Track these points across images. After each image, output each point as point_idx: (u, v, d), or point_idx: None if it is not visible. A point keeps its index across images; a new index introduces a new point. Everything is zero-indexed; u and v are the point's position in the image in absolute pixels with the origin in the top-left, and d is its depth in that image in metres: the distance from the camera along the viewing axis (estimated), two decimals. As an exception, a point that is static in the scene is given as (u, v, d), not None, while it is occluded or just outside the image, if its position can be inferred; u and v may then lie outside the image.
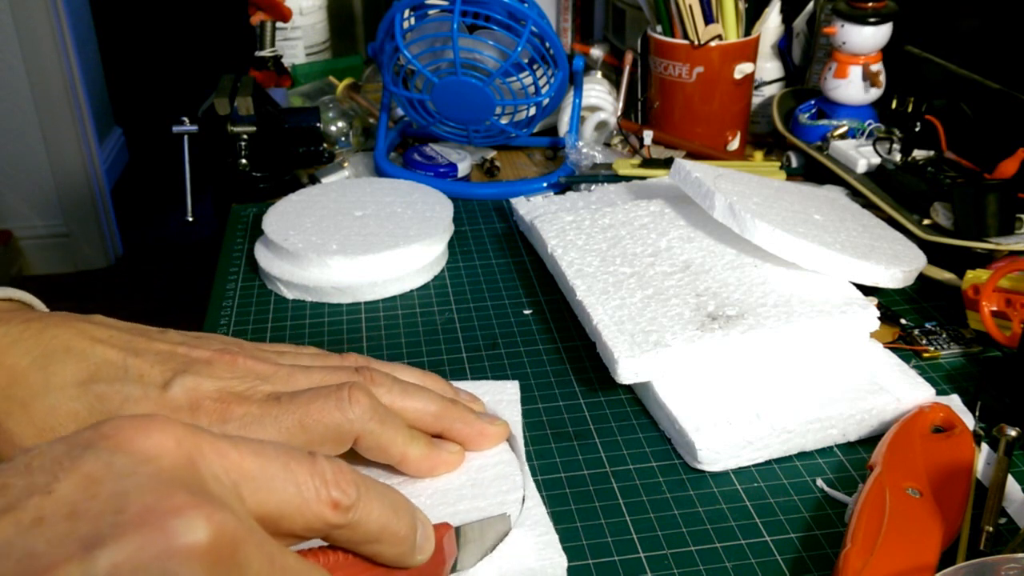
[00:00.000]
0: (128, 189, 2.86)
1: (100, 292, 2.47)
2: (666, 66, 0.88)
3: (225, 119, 0.81)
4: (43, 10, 2.31)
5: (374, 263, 0.67)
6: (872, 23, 0.82)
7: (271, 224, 0.71)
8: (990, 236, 0.66)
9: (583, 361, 0.60)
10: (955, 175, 0.71)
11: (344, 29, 1.44)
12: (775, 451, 0.50)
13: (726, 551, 0.44)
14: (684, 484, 0.49)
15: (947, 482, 0.45)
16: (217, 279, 0.71)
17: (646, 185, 0.81)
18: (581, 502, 0.48)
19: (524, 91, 0.85)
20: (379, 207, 0.74)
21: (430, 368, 0.59)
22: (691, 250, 0.65)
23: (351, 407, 0.41)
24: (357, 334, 0.64)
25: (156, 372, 0.41)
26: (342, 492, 0.32)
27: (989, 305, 0.58)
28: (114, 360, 0.41)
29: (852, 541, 0.41)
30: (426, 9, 0.84)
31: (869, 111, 0.86)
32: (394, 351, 0.61)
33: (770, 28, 0.95)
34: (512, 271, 0.72)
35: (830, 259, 0.60)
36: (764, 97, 0.96)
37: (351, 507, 0.32)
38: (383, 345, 0.62)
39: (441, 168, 0.86)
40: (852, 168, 0.79)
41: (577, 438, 0.53)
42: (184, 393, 0.41)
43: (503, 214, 0.81)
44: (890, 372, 0.54)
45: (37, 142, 2.43)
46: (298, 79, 1.10)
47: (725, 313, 0.56)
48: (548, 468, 0.50)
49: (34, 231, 2.53)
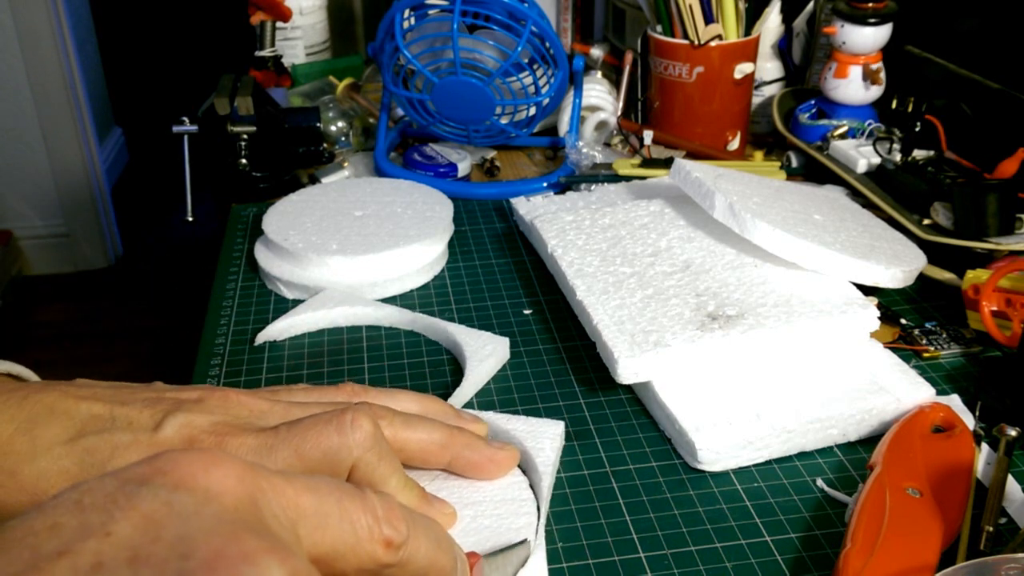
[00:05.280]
0: (128, 189, 2.86)
1: (100, 292, 2.47)
2: (666, 66, 0.88)
3: (225, 119, 0.81)
4: (43, 10, 2.31)
5: (373, 263, 0.67)
6: (872, 23, 0.82)
7: (271, 224, 0.71)
8: (990, 236, 0.66)
9: (583, 361, 0.60)
10: (955, 175, 0.71)
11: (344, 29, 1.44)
12: (775, 451, 0.50)
13: (726, 551, 0.44)
14: (684, 484, 0.49)
15: (947, 482, 0.45)
16: (217, 279, 0.71)
17: (646, 185, 0.81)
18: (581, 502, 0.47)
19: (524, 91, 0.85)
20: (379, 207, 0.74)
21: (430, 367, 0.59)
22: (691, 250, 0.65)
23: (352, 432, 0.39)
24: (357, 333, 0.64)
25: (145, 416, 0.39)
26: (394, 529, 0.31)
27: (989, 305, 0.58)
28: (100, 413, 0.39)
29: (852, 541, 0.41)
30: (426, 9, 0.84)
31: (869, 111, 0.86)
32: (394, 351, 0.61)
33: (770, 28, 0.95)
34: (512, 271, 0.72)
35: (830, 259, 0.60)
36: (764, 97, 0.96)
37: (402, 544, 0.31)
38: (383, 345, 0.62)
39: (441, 168, 0.86)
40: (852, 168, 0.79)
41: (577, 438, 0.53)
42: (176, 431, 0.39)
43: (503, 214, 0.81)
44: (890, 372, 0.54)
45: (37, 142, 2.43)
46: (298, 79, 1.10)
47: (725, 313, 0.56)
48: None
49: (34, 231, 2.52)
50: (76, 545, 0.24)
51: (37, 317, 2.36)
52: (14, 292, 2.40)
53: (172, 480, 0.27)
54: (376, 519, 0.30)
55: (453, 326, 0.61)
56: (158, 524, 0.25)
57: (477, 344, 0.59)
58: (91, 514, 0.25)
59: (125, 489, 0.26)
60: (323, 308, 0.64)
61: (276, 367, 0.60)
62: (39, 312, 2.38)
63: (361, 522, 0.30)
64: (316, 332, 0.64)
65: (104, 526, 0.25)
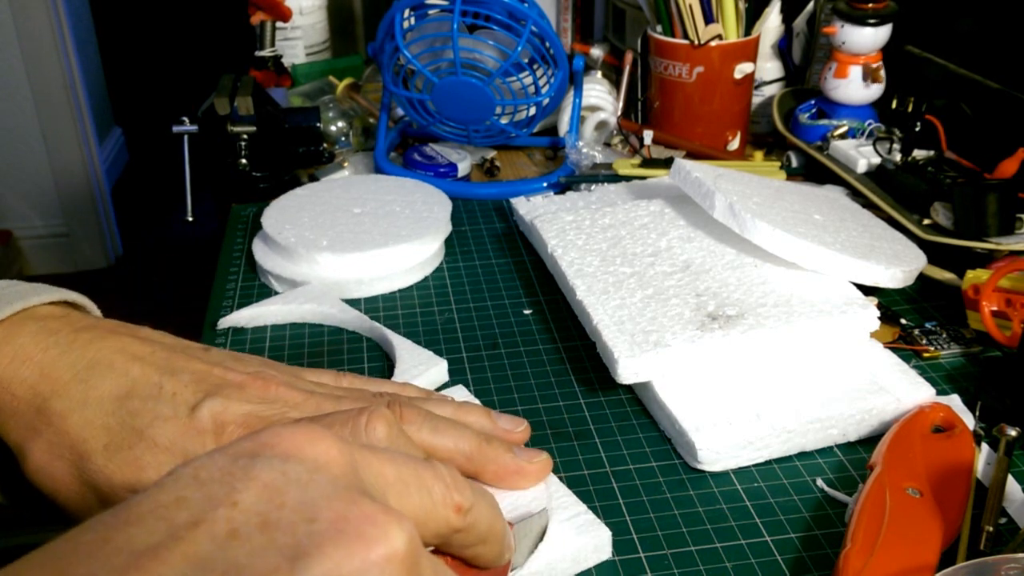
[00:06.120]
0: (128, 189, 2.86)
1: (100, 292, 2.46)
2: (666, 66, 0.87)
3: (225, 119, 0.81)
4: (43, 10, 2.31)
5: (360, 261, 0.67)
6: (872, 23, 0.82)
7: (270, 218, 0.72)
8: (990, 236, 0.66)
9: (583, 361, 0.60)
10: (955, 175, 0.71)
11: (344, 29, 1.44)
12: (775, 451, 0.50)
13: (726, 551, 0.44)
14: (684, 484, 0.49)
15: (947, 482, 0.45)
16: (217, 279, 0.72)
17: (646, 185, 0.81)
18: (581, 502, 0.47)
19: (524, 91, 0.85)
20: (378, 205, 0.74)
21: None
22: (691, 250, 0.65)
23: (365, 434, 0.38)
24: (357, 333, 0.64)
25: (188, 392, 0.41)
26: (462, 495, 0.33)
27: (989, 305, 0.58)
28: (151, 378, 0.41)
29: (852, 541, 0.41)
30: (426, 9, 0.84)
31: (869, 111, 0.86)
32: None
33: (770, 28, 0.95)
34: (512, 271, 0.72)
35: (830, 259, 0.60)
36: (764, 97, 0.96)
37: (470, 509, 0.33)
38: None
39: (441, 168, 0.86)
40: (852, 168, 0.79)
41: (577, 438, 0.53)
42: (211, 416, 0.40)
43: (503, 214, 0.81)
44: (890, 372, 0.54)
45: (37, 142, 2.43)
46: (298, 79, 1.10)
47: (725, 313, 0.56)
48: (548, 468, 0.50)
49: (34, 231, 2.53)
50: (208, 514, 0.25)
51: (37, 317, 2.35)
52: (14, 292, 2.40)
53: (281, 451, 0.28)
54: (447, 486, 0.32)
55: (399, 340, 0.60)
56: (279, 491, 0.26)
57: (411, 362, 0.57)
58: (212, 486, 0.26)
59: (239, 463, 0.27)
60: (293, 303, 0.64)
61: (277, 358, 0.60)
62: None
63: (436, 489, 0.32)
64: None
65: (229, 496, 0.26)
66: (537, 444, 0.52)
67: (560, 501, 0.44)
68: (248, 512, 0.26)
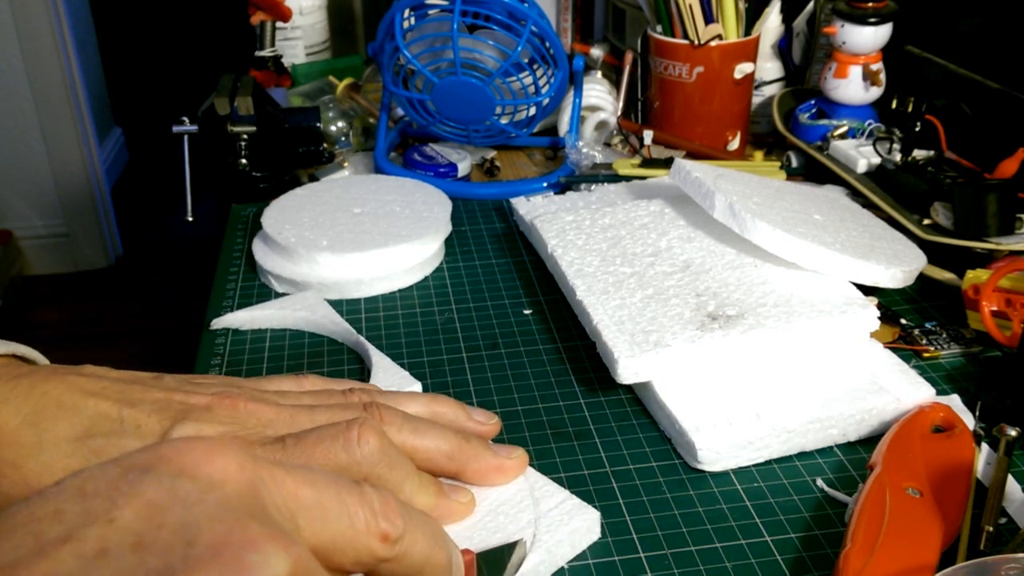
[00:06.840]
0: (128, 189, 2.86)
1: (100, 292, 2.47)
2: (666, 66, 0.87)
3: (225, 119, 0.81)
4: (43, 10, 2.31)
5: (360, 261, 0.67)
6: (872, 23, 0.82)
7: (270, 218, 0.72)
8: (990, 236, 0.66)
9: (583, 361, 0.60)
10: (955, 175, 0.71)
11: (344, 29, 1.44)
12: (775, 451, 0.50)
13: (726, 551, 0.44)
14: (684, 484, 0.49)
15: (947, 482, 0.45)
16: (217, 279, 0.72)
17: (646, 185, 0.81)
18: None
19: (524, 91, 0.85)
20: (378, 205, 0.74)
21: (430, 367, 0.59)
22: (691, 250, 0.65)
23: (359, 448, 0.38)
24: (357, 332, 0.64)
25: (153, 422, 0.39)
26: (390, 523, 0.31)
27: (989, 305, 0.58)
28: (109, 413, 0.39)
29: (852, 541, 0.41)
30: (426, 9, 0.84)
31: (869, 111, 0.86)
32: (394, 350, 0.61)
33: (770, 28, 0.95)
34: (512, 271, 0.72)
35: (830, 259, 0.60)
36: (764, 97, 0.96)
37: (399, 539, 0.31)
38: (383, 345, 0.62)
39: (441, 168, 0.86)
40: (852, 168, 0.79)
41: (577, 438, 0.53)
42: None
43: (503, 214, 0.81)
44: (890, 372, 0.54)
45: (37, 142, 2.43)
46: (298, 79, 1.10)
47: (725, 313, 0.56)
48: (548, 468, 0.50)
49: (34, 231, 2.52)
50: (80, 531, 0.24)
51: (37, 317, 2.36)
52: (14, 292, 2.40)
53: (175, 467, 0.26)
54: (373, 513, 0.30)
55: (379, 356, 0.59)
56: (162, 510, 0.25)
57: (383, 378, 0.57)
58: (94, 501, 0.25)
59: (128, 476, 0.26)
60: (288, 309, 0.64)
61: (276, 368, 0.60)
62: (39, 312, 2.38)
63: (359, 516, 0.30)
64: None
65: (108, 512, 0.25)
66: (537, 444, 0.52)
67: (544, 491, 0.45)
68: (123, 531, 0.24)
